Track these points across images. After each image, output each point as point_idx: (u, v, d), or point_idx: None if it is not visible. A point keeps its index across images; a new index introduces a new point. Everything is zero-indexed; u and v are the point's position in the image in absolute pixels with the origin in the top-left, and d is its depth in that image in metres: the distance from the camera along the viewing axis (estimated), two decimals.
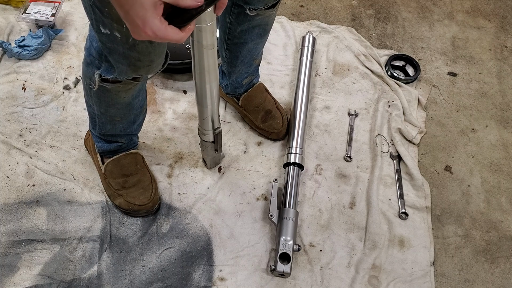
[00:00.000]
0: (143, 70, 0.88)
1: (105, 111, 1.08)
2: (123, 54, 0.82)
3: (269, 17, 1.12)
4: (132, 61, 0.84)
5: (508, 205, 1.33)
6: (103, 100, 1.03)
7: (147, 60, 0.86)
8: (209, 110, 1.05)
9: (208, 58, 0.87)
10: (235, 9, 1.08)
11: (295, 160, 1.28)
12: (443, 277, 1.20)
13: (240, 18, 1.10)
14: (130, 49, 0.81)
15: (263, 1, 1.03)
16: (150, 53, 0.84)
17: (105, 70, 0.90)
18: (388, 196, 1.31)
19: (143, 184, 1.22)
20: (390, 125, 1.45)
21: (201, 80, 0.94)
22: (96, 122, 1.13)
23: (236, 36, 1.15)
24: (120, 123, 1.13)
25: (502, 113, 1.53)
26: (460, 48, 1.70)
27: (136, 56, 0.83)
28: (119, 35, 0.77)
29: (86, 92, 1.06)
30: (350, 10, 1.79)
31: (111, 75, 0.90)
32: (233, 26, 1.13)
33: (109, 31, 0.77)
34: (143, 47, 0.81)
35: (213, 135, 1.16)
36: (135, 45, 0.80)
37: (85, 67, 0.97)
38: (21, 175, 1.27)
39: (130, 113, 1.11)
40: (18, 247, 1.15)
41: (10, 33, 1.57)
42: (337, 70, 1.58)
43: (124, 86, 0.96)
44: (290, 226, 1.16)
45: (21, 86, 1.44)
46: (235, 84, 1.34)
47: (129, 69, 0.87)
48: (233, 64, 1.25)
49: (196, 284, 1.14)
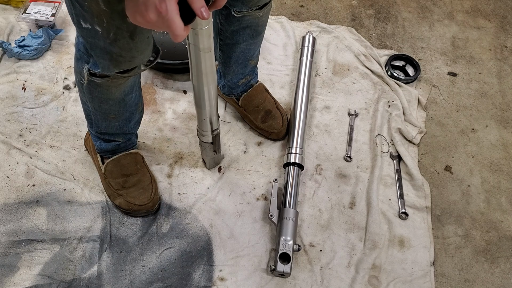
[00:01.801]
0: (124, 65, 0.88)
1: (98, 108, 1.08)
2: (104, 49, 0.82)
3: (259, 19, 1.12)
4: (114, 56, 0.84)
5: (508, 205, 1.33)
6: (95, 95, 1.03)
7: (129, 56, 0.85)
8: (207, 111, 1.05)
9: (206, 61, 0.87)
10: (223, 11, 1.09)
11: (295, 160, 1.28)
12: (443, 277, 1.20)
13: (229, 19, 1.10)
14: (111, 44, 0.81)
15: (247, 5, 1.03)
16: (132, 49, 0.84)
17: (93, 64, 0.91)
18: (388, 196, 1.31)
19: (143, 184, 1.22)
20: (390, 125, 1.45)
21: (198, 82, 0.94)
22: (92, 120, 1.13)
23: (228, 36, 1.16)
24: (115, 120, 1.13)
25: (502, 113, 1.53)
26: (460, 48, 1.70)
27: (117, 51, 0.83)
28: (100, 29, 0.77)
29: (79, 88, 1.06)
30: (350, 10, 1.79)
31: (98, 70, 0.91)
32: (224, 27, 1.14)
33: (89, 26, 0.77)
34: (124, 42, 0.81)
35: (212, 136, 1.16)
36: (116, 40, 0.80)
37: (75, 62, 0.98)
38: (21, 175, 1.27)
39: (124, 110, 1.11)
40: (18, 247, 1.15)
41: (10, 33, 1.57)
42: (337, 70, 1.58)
43: (113, 81, 0.96)
44: (290, 226, 1.16)
45: (21, 86, 1.44)
46: (231, 84, 1.34)
47: (111, 64, 0.87)
48: (227, 65, 1.26)
49: (196, 284, 1.14)
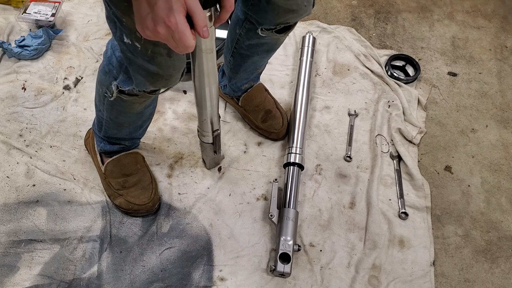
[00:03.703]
0: (161, 83, 0.88)
1: (115, 118, 1.08)
2: (141, 66, 0.82)
3: (279, 39, 1.11)
4: (151, 73, 0.84)
5: (508, 205, 1.33)
6: (115, 108, 1.04)
7: (166, 74, 0.85)
8: (208, 112, 1.05)
9: (208, 62, 0.87)
10: (246, 24, 1.07)
11: (295, 160, 1.28)
12: (443, 277, 1.20)
13: (250, 34, 1.08)
14: (149, 62, 0.81)
15: (274, 22, 1.01)
16: (169, 67, 0.83)
17: (122, 81, 0.91)
18: (388, 196, 1.31)
19: (143, 184, 1.22)
20: (390, 125, 1.45)
21: (200, 83, 0.94)
22: (103, 126, 1.14)
23: (243, 47, 1.14)
24: (127, 128, 1.14)
25: (502, 113, 1.53)
26: (460, 48, 1.70)
27: (155, 69, 0.83)
28: (139, 45, 0.77)
29: (99, 99, 1.06)
30: (350, 10, 1.79)
31: (128, 87, 0.91)
32: (242, 39, 1.12)
33: (130, 41, 0.78)
34: (162, 60, 0.81)
35: (212, 137, 1.16)
36: (154, 57, 0.80)
37: (102, 74, 0.97)
38: (21, 175, 1.27)
39: (139, 120, 1.13)
40: (18, 247, 1.15)
41: (10, 33, 1.57)
42: (337, 70, 1.58)
43: (140, 98, 0.97)
44: (290, 226, 1.16)
45: (21, 86, 1.44)
46: (234, 88, 1.34)
47: (146, 81, 0.87)
48: (236, 71, 1.25)
49: (196, 284, 1.14)
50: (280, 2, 0.94)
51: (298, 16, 1.00)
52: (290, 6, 0.95)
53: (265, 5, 0.96)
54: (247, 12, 1.02)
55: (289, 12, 0.97)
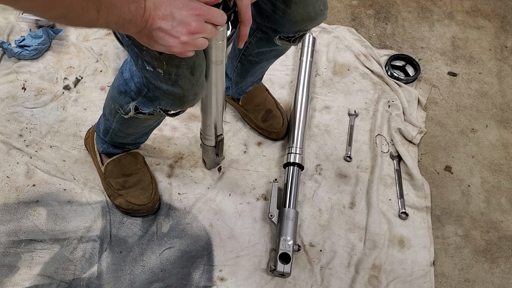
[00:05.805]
0: (187, 104, 0.87)
1: (125, 130, 1.09)
2: (167, 90, 0.82)
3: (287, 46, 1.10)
4: (177, 96, 0.84)
5: (508, 205, 1.33)
6: (127, 122, 1.03)
7: (192, 94, 0.85)
8: (213, 118, 1.05)
9: (217, 72, 0.87)
10: (258, 33, 1.06)
11: (295, 160, 1.28)
12: (443, 277, 1.20)
13: (261, 42, 1.08)
14: (174, 85, 0.80)
15: (293, 30, 0.99)
16: (193, 85, 0.83)
17: (142, 103, 0.90)
18: (388, 196, 1.31)
19: (143, 184, 1.22)
20: (390, 125, 1.45)
21: (207, 92, 0.94)
22: (109, 133, 1.14)
23: (252, 54, 1.14)
24: (134, 136, 1.15)
25: (502, 113, 1.53)
26: (460, 48, 1.70)
27: (180, 92, 0.82)
28: (161, 71, 0.77)
29: (111, 113, 1.05)
30: (350, 10, 1.79)
31: (148, 109, 0.90)
32: (252, 47, 1.12)
33: (152, 68, 0.78)
34: (186, 81, 0.80)
35: (216, 141, 1.16)
36: (178, 80, 0.79)
37: (117, 93, 0.96)
38: (21, 175, 1.27)
39: (146, 129, 1.14)
40: (18, 247, 1.15)
41: (10, 33, 1.57)
42: (337, 70, 1.58)
43: (156, 116, 0.96)
44: (290, 226, 1.16)
45: (21, 86, 1.44)
46: (240, 91, 1.34)
47: (174, 103, 0.86)
48: (243, 76, 1.25)
49: (196, 284, 1.14)
50: (296, 11, 0.93)
51: (316, 22, 0.99)
52: (307, 13, 0.94)
53: (281, 15, 0.95)
54: (261, 23, 1.02)
55: (307, 19, 0.96)
